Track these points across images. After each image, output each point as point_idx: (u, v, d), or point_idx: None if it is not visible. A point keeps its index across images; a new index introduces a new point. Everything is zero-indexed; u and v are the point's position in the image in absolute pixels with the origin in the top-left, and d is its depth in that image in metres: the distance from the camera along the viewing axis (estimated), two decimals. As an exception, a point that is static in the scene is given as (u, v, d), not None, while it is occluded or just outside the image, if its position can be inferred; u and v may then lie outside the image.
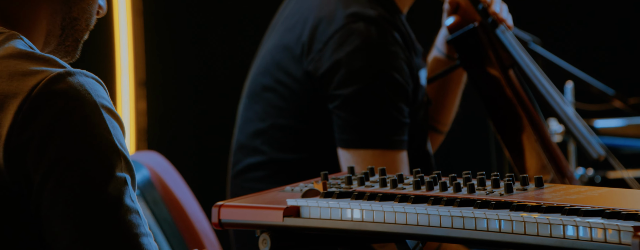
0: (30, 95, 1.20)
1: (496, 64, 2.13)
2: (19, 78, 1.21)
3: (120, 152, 1.22)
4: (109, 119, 1.22)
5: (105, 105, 1.23)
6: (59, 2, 1.31)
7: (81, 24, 1.34)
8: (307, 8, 2.02)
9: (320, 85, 1.98)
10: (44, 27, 1.31)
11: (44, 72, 1.22)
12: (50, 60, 1.24)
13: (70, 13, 1.32)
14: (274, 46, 2.05)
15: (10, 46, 1.25)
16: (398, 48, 1.98)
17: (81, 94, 1.21)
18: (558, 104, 2.27)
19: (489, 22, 2.15)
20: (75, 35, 1.34)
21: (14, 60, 1.23)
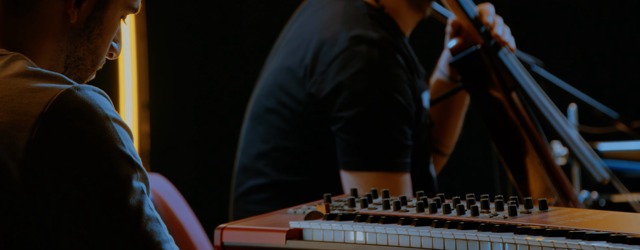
0: (43, 112, 1.22)
1: (499, 86, 2.13)
2: (29, 95, 1.23)
3: (135, 163, 1.24)
4: (120, 130, 1.24)
5: (115, 117, 1.24)
6: (65, 40, 1.33)
7: (86, 64, 1.34)
8: (310, 30, 2.03)
9: (323, 107, 1.98)
10: (47, 62, 1.33)
11: (52, 89, 1.23)
12: (57, 77, 1.26)
13: (76, 52, 1.33)
14: (277, 68, 2.05)
15: (16, 65, 1.27)
16: (401, 70, 1.98)
17: (92, 109, 1.23)
18: (561, 127, 2.27)
19: (492, 44, 2.15)
20: (78, 74, 1.35)
21: (22, 78, 1.25)
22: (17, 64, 1.27)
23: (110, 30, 1.35)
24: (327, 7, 2.05)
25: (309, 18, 2.07)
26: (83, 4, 1.32)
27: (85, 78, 1.36)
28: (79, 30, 1.33)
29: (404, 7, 2.05)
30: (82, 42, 1.33)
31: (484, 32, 2.15)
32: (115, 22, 1.35)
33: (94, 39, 1.34)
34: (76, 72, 1.34)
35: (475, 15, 2.16)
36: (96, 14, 1.33)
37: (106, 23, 1.34)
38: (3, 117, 1.22)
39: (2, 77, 1.25)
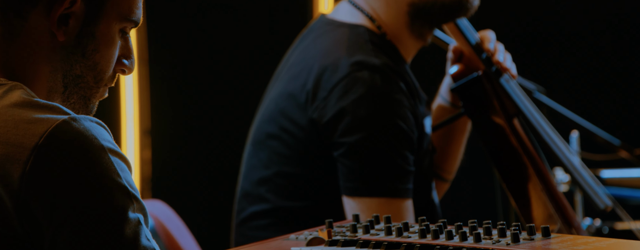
0: (38, 144, 1.20)
1: (500, 113, 2.13)
2: (25, 126, 1.22)
3: (131, 194, 1.22)
4: (116, 162, 1.22)
5: (112, 148, 1.23)
6: (58, 59, 1.30)
7: (88, 82, 1.32)
8: (311, 56, 2.03)
9: (325, 133, 1.98)
10: (45, 83, 1.31)
11: (49, 120, 1.22)
12: (54, 107, 1.24)
13: (72, 70, 1.31)
14: (278, 94, 2.05)
15: (14, 95, 1.25)
16: (402, 96, 1.98)
17: (88, 140, 1.21)
18: (563, 153, 2.27)
19: (493, 70, 2.15)
20: (81, 93, 1.32)
21: (18, 108, 1.23)
22: (15, 93, 1.25)
23: (107, 45, 1.32)
24: (329, 33, 2.06)
25: (310, 44, 2.07)
26: (70, 20, 1.29)
27: (92, 96, 1.33)
28: (70, 48, 1.30)
29: (405, 34, 2.06)
30: (77, 60, 1.31)
31: (485, 58, 2.15)
32: (111, 36, 1.32)
33: (90, 55, 1.31)
34: (78, 90, 1.32)
35: (477, 42, 2.16)
36: (87, 30, 1.30)
37: (100, 37, 1.31)
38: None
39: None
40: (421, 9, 2.01)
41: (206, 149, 3.51)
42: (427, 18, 2.02)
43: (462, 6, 2.03)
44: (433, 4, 2.00)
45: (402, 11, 2.02)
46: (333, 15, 2.10)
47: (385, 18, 2.04)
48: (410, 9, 2.02)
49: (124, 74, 1.36)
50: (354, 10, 2.06)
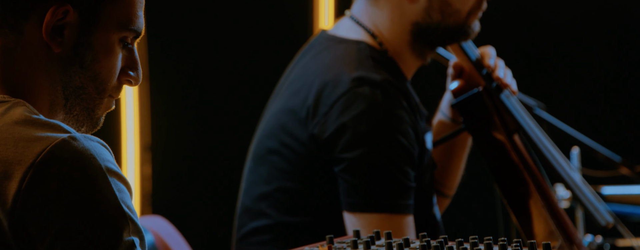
0: (35, 162, 1.20)
1: (501, 129, 2.13)
2: (24, 144, 1.21)
3: (127, 215, 1.20)
4: (114, 182, 1.21)
5: (111, 169, 1.21)
6: (56, 71, 1.29)
7: (89, 93, 1.30)
8: (312, 72, 2.03)
9: (326, 149, 1.98)
10: (46, 96, 1.30)
11: (48, 139, 1.21)
12: (55, 126, 1.23)
13: (72, 82, 1.30)
14: (279, 109, 2.05)
15: (16, 112, 1.25)
16: (403, 112, 1.97)
17: (86, 159, 1.20)
18: (564, 170, 2.26)
19: (494, 86, 2.15)
20: (83, 104, 1.31)
21: (19, 126, 1.23)
22: (16, 111, 1.25)
23: (107, 55, 1.30)
24: (330, 49, 2.06)
25: (311, 60, 2.07)
26: (65, 31, 1.28)
27: (96, 107, 1.32)
28: (68, 59, 1.29)
29: (407, 52, 2.06)
30: (76, 71, 1.29)
31: (485, 74, 2.16)
32: (110, 45, 1.30)
33: (89, 66, 1.29)
34: (80, 102, 1.31)
35: (477, 58, 2.16)
36: (83, 40, 1.29)
37: (98, 47, 1.29)
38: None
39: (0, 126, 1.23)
40: (424, 29, 2.02)
41: (207, 165, 3.51)
42: (429, 39, 2.03)
43: (463, 31, 2.04)
44: (436, 26, 2.01)
45: (406, 30, 2.03)
46: (334, 31, 2.10)
47: (387, 35, 2.04)
48: (414, 28, 2.02)
49: (131, 85, 1.34)
50: (355, 27, 2.06)
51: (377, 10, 2.04)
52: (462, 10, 2.01)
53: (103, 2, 1.29)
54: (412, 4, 2.00)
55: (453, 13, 2.01)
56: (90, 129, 1.34)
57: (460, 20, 2.02)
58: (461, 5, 2.01)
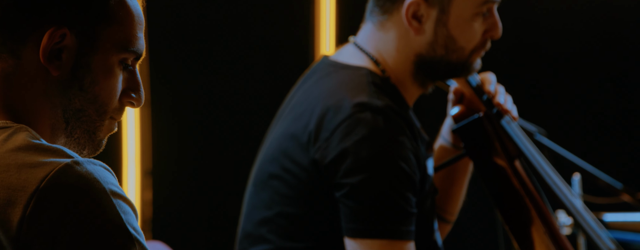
0: (38, 188, 1.19)
1: (502, 154, 2.13)
2: (27, 171, 1.21)
3: (134, 237, 1.20)
4: (119, 204, 1.20)
5: (115, 191, 1.21)
6: (56, 95, 1.29)
7: (90, 115, 1.30)
8: (314, 97, 2.04)
9: (327, 174, 1.97)
10: (47, 120, 1.29)
11: (51, 164, 1.21)
12: (58, 151, 1.23)
13: (72, 105, 1.30)
14: (281, 134, 2.05)
15: (18, 138, 1.24)
16: (405, 138, 1.98)
17: (89, 183, 1.20)
18: (566, 196, 2.26)
19: (494, 112, 2.15)
20: (84, 127, 1.30)
21: (22, 152, 1.23)
22: (19, 137, 1.24)
23: (106, 76, 1.29)
24: (332, 75, 2.06)
25: (313, 85, 2.07)
26: (62, 54, 1.28)
27: (97, 129, 1.31)
28: (67, 82, 1.29)
29: (409, 81, 2.06)
30: (75, 93, 1.29)
31: (486, 100, 2.16)
32: (109, 67, 1.30)
33: (89, 88, 1.29)
34: (81, 124, 1.30)
35: (477, 84, 2.17)
36: (82, 62, 1.28)
37: (97, 69, 1.29)
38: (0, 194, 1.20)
39: (2, 152, 1.23)
40: (427, 62, 2.03)
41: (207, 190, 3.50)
42: (431, 71, 2.04)
43: (465, 68, 2.05)
44: (439, 60, 2.02)
45: (409, 60, 2.03)
46: (336, 57, 2.11)
47: (391, 62, 2.05)
48: (417, 59, 2.03)
49: (133, 107, 1.34)
50: (358, 53, 2.07)
51: (383, 36, 2.05)
52: (466, 47, 2.02)
53: (100, 24, 1.29)
54: (417, 36, 2.01)
55: (457, 49, 2.02)
56: (92, 152, 1.33)
57: (463, 57, 2.03)
58: (466, 43, 2.02)
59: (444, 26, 2.00)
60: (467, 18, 2.00)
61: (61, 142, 1.32)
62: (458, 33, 2.00)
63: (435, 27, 2.00)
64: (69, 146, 1.32)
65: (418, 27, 2.00)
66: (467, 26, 2.01)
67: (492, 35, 2.04)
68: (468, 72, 2.07)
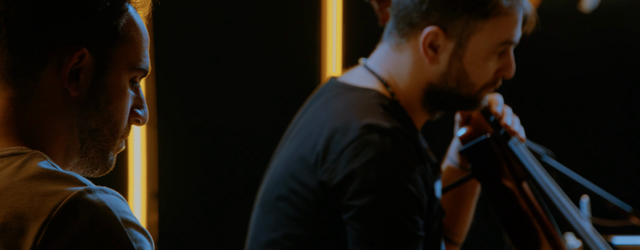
0: (50, 217, 1.19)
1: (510, 176, 2.12)
2: (40, 199, 1.21)
3: None
4: (131, 233, 1.20)
5: (127, 220, 1.21)
6: (73, 115, 1.30)
7: (104, 135, 1.31)
8: (322, 119, 2.03)
9: (335, 196, 1.96)
10: (62, 141, 1.30)
11: (63, 192, 1.21)
12: (71, 178, 1.23)
13: (88, 125, 1.30)
14: (288, 156, 2.05)
15: (32, 166, 1.24)
16: (413, 160, 1.97)
17: (101, 211, 1.20)
18: (574, 219, 2.25)
19: (501, 134, 2.15)
20: (99, 146, 1.31)
21: (36, 181, 1.23)
22: (33, 164, 1.24)
23: (119, 96, 1.31)
24: (339, 96, 2.06)
25: (321, 106, 2.07)
26: (80, 75, 1.29)
27: (109, 148, 1.32)
28: (84, 102, 1.30)
29: (417, 106, 2.06)
30: (92, 113, 1.30)
31: (493, 121, 2.15)
32: (122, 86, 1.31)
33: (104, 108, 1.30)
34: (95, 144, 1.31)
35: (484, 105, 2.16)
36: (98, 82, 1.30)
37: (112, 88, 1.30)
38: (13, 223, 1.20)
39: (16, 181, 1.23)
40: (438, 92, 2.02)
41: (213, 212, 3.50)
42: (439, 102, 2.04)
43: (473, 102, 2.05)
44: (449, 92, 2.02)
45: (420, 86, 2.03)
46: (345, 78, 2.10)
47: (402, 86, 2.04)
48: (428, 87, 2.03)
49: (138, 125, 1.35)
50: (368, 75, 2.06)
51: (397, 58, 2.04)
52: (477, 83, 2.02)
53: (113, 43, 1.30)
54: (431, 65, 2.01)
55: (468, 84, 2.02)
56: (103, 171, 1.34)
57: (473, 92, 2.03)
58: (477, 79, 2.02)
59: (459, 60, 2.00)
60: (483, 56, 2.00)
61: (74, 163, 1.32)
62: (472, 69, 2.00)
63: (450, 60, 2.00)
64: (81, 166, 1.32)
65: (433, 56, 2.00)
66: (481, 63, 2.00)
67: (504, 75, 2.04)
68: (475, 106, 2.07)
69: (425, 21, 1.99)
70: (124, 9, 1.30)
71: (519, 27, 2.03)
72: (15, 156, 1.26)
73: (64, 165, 1.31)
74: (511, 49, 2.04)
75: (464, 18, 1.98)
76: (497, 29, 1.99)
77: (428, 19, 1.99)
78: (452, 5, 1.97)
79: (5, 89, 1.28)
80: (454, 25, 1.98)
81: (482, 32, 1.98)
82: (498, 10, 1.98)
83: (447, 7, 1.97)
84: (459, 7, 1.97)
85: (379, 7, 2.16)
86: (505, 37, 2.00)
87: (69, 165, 1.32)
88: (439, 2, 1.98)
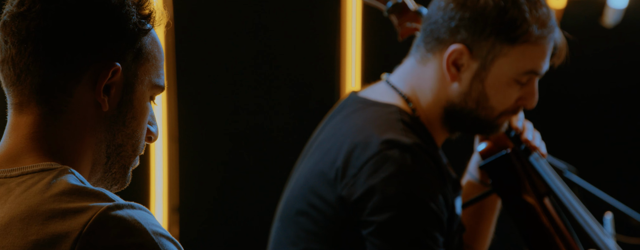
0: (82, 233, 1.21)
1: (531, 192, 2.10)
2: (71, 216, 1.22)
3: None
4: (162, 242, 1.22)
5: (158, 231, 1.22)
6: (102, 130, 1.32)
7: (127, 150, 1.33)
8: (342, 133, 2.03)
9: (354, 211, 1.96)
10: (90, 157, 1.32)
11: (93, 209, 1.22)
12: (100, 194, 1.24)
13: (115, 140, 1.32)
14: (308, 171, 2.04)
15: (62, 182, 1.26)
16: (433, 176, 1.96)
17: (131, 225, 1.22)
18: (598, 236, 2.22)
19: (522, 149, 2.13)
20: (122, 162, 1.34)
21: (66, 197, 1.24)
22: (62, 180, 1.26)
23: (142, 112, 1.34)
24: (360, 111, 2.05)
25: (341, 121, 2.07)
26: (111, 90, 1.31)
27: (130, 164, 1.34)
28: (113, 117, 1.32)
29: (438, 122, 2.05)
30: (119, 129, 1.32)
31: (513, 136, 2.14)
32: (145, 103, 1.34)
33: (129, 123, 1.33)
34: (119, 160, 1.33)
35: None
36: (126, 98, 1.32)
37: (137, 105, 1.33)
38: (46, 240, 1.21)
39: (47, 197, 1.25)
40: (457, 111, 2.01)
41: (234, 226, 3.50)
42: (458, 122, 2.02)
43: (491, 127, 2.03)
44: (468, 113, 2.00)
45: (440, 104, 2.02)
46: (366, 94, 2.10)
47: (424, 103, 2.04)
48: (448, 105, 2.01)
49: (151, 142, 1.37)
50: (389, 90, 2.06)
51: (422, 72, 2.03)
52: (496, 108, 2.00)
53: (140, 60, 1.33)
54: (452, 83, 2.00)
55: (487, 107, 2.00)
56: (122, 187, 1.36)
57: (491, 117, 2.01)
58: (497, 104, 2.00)
59: (480, 82, 1.98)
60: (505, 81, 1.98)
61: (97, 178, 1.34)
62: (492, 92, 1.99)
63: (471, 80, 1.99)
64: (103, 182, 1.34)
65: (455, 74, 1.99)
66: (502, 88, 1.99)
67: (525, 105, 2.02)
68: (493, 132, 2.04)
69: (453, 38, 1.98)
70: (149, 28, 1.33)
71: (547, 59, 2.01)
72: (45, 172, 1.27)
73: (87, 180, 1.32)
74: (536, 80, 2.02)
75: (491, 40, 1.96)
76: (523, 56, 1.97)
77: (455, 36, 1.98)
78: (481, 26, 1.96)
79: (38, 104, 1.30)
80: (480, 45, 1.97)
81: (507, 58, 1.97)
82: (526, 38, 1.96)
83: (475, 27, 1.96)
84: (487, 29, 1.96)
85: (398, 21, 2.15)
86: (530, 67, 1.98)
87: (92, 180, 1.34)
88: (468, 21, 1.97)
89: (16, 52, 1.29)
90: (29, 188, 1.26)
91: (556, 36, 2.02)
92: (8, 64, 1.30)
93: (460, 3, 1.98)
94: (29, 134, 1.30)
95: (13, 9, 1.30)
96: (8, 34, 1.29)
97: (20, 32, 1.29)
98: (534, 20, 1.97)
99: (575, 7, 3.74)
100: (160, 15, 1.35)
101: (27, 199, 1.24)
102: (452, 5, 1.99)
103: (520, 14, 1.96)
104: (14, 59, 1.29)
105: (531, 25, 1.96)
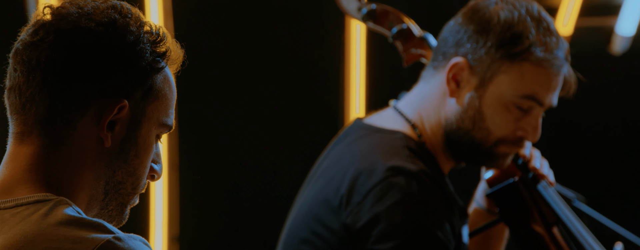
0: None
1: (539, 221, 2.07)
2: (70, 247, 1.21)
3: None
4: None
5: None
6: (102, 166, 1.31)
7: (126, 188, 1.33)
8: (347, 160, 1.99)
9: (359, 239, 1.92)
10: (88, 191, 1.31)
11: (93, 240, 1.21)
12: (99, 226, 1.23)
13: (114, 177, 1.32)
14: (311, 198, 2.01)
15: (59, 213, 1.25)
16: (439, 204, 1.92)
17: None
18: (607, 266, 2.19)
19: (530, 177, 2.10)
20: (120, 199, 1.33)
21: (64, 227, 1.23)
22: (59, 211, 1.25)
23: (146, 150, 1.32)
24: (365, 138, 2.02)
25: (345, 148, 2.04)
26: (116, 126, 1.30)
27: (128, 202, 1.33)
28: (114, 154, 1.31)
29: (441, 148, 2.02)
30: (120, 166, 1.31)
31: (521, 164, 2.11)
32: (150, 141, 1.33)
33: (131, 161, 1.32)
34: (117, 197, 1.32)
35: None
36: (130, 135, 1.31)
37: (141, 143, 1.32)
38: None
39: (44, 227, 1.23)
40: (454, 130, 1.97)
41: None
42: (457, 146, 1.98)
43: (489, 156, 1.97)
44: (464, 133, 1.95)
45: (440, 123, 1.99)
46: (371, 120, 2.07)
47: (428, 127, 2.00)
48: (446, 124, 1.98)
49: (153, 180, 1.36)
50: (396, 117, 2.03)
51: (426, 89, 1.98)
52: (492, 131, 1.95)
53: (149, 98, 1.33)
54: (451, 98, 1.96)
55: (482, 129, 1.95)
56: (118, 224, 1.34)
57: (487, 142, 1.96)
58: (493, 127, 1.95)
59: (478, 99, 1.94)
60: (503, 103, 1.93)
61: (93, 213, 1.33)
62: (489, 113, 1.94)
63: (470, 97, 1.95)
64: (99, 217, 1.33)
65: (454, 89, 1.95)
66: (499, 110, 1.94)
67: (526, 137, 1.97)
68: (494, 162, 1.99)
69: (456, 52, 1.95)
70: (162, 66, 1.33)
71: (552, 89, 1.95)
72: (40, 203, 1.26)
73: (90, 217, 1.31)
74: (540, 112, 1.97)
75: (492, 54, 1.93)
76: (522, 76, 1.92)
77: (459, 49, 1.95)
78: (483, 37, 1.93)
79: (39, 135, 1.29)
80: (481, 60, 1.93)
81: (506, 75, 1.93)
82: (526, 56, 1.92)
83: (478, 39, 1.93)
84: (489, 41, 1.92)
85: (403, 48, 2.13)
86: (529, 91, 1.93)
87: (88, 216, 1.32)
88: (472, 33, 1.93)
89: (24, 80, 1.29)
90: (24, 219, 1.24)
91: (565, 71, 1.97)
92: (15, 91, 1.30)
93: (468, 16, 1.96)
94: (27, 165, 1.29)
95: (27, 37, 1.30)
96: (18, 62, 1.30)
97: (31, 62, 1.29)
98: (539, 41, 1.93)
99: (582, 34, 3.73)
100: (177, 54, 1.34)
101: (22, 229, 1.23)
102: (461, 19, 1.96)
103: (525, 31, 1.93)
104: (21, 88, 1.29)
105: (534, 44, 1.93)
